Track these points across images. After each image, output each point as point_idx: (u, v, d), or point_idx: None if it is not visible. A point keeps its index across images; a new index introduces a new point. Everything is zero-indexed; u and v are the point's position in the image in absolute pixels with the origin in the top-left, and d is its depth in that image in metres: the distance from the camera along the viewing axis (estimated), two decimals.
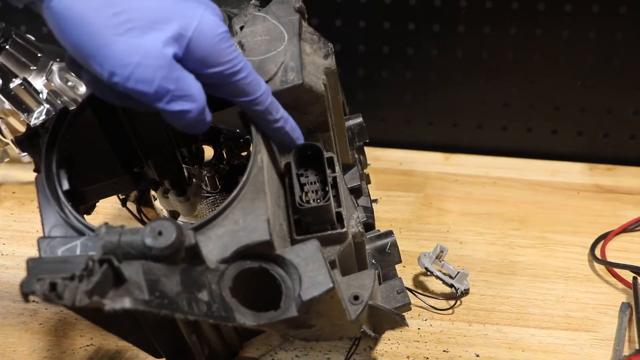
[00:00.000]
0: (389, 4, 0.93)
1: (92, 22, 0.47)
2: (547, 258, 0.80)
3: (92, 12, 0.47)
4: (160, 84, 0.48)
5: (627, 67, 0.92)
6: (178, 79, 0.48)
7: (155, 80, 0.48)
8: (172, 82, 0.48)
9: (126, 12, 0.47)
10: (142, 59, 0.47)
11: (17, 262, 0.80)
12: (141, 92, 0.48)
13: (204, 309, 0.46)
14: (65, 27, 0.48)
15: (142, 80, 0.47)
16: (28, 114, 0.83)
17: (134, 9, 0.48)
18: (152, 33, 0.48)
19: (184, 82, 0.49)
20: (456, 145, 1.00)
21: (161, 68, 0.48)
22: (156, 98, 0.48)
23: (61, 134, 0.56)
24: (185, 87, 0.49)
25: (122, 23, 0.47)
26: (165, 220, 0.45)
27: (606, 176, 0.95)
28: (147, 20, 0.48)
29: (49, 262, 0.46)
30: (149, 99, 0.48)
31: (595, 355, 0.68)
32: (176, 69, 0.49)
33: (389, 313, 0.58)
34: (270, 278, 0.51)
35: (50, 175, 0.54)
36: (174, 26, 0.48)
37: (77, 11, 0.47)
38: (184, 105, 0.49)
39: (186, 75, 0.49)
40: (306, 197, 0.56)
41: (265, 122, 0.55)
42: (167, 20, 0.48)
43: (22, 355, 0.68)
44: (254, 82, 0.53)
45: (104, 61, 0.47)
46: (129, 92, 0.48)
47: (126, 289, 0.42)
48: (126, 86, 0.48)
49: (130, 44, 0.47)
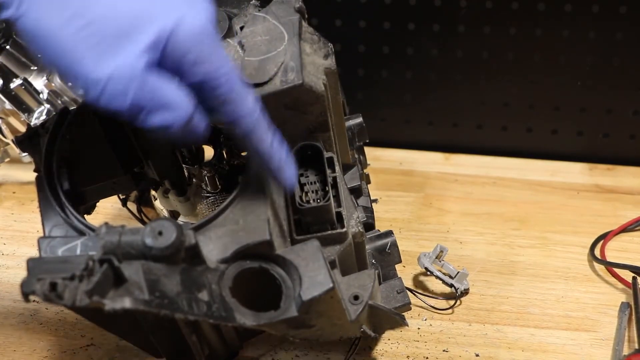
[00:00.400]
0: (389, 4, 0.93)
1: (59, 38, 0.43)
2: (547, 258, 0.80)
3: (59, 28, 0.43)
4: (135, 98, 0.44)
5: (627, 67, 0.92)
6: (154, 90, 0.45)
7: (128, 94, 0.44)
8: (147, 93, 0.44)
9: (94, 23, 0.44)
10: (113, 73, 0.44)
11: (18, 262, 0.80)
12: (116, 109, 0.45)
13: (204, 309, 0.46)
14: (35, 45, 0.45)
15: (114, 96, 0.44)
16: (28, 114, 0.83)
17: (102, 19, 0.44)
18: (123, 44, 0.44)
19: (161, 92, 0.45)
20: (456, 145, 1.00)
21: (133, 81, 0.44)
22: (132, 114, 0.45)
23: (61, 134, 0.56)
24: (163, 96, 0.45)
25: (89, 36, 0.44)
26: (166, 220, 0.45)
27: (606, 176, 0.95)
28: (117, 30, 0.44)
29: (49, 262, 0.46)
30: (126, 115, 0.45)
31: (595, 355, 0.68)
32: (151, 79, 0.44)
33: (389, 313, 0.58)
34: (270, 278, 0.51)
35: (50, 175, 0.54)
36: (148, 33, 0.44)
37: (44, 27, 0.44)
38: (164, 117, 0.45)
39: (164, 84, 0.45)
40: (306, 197, 0.56)
41: (255, 146, 0.50)
42: (139, 28, 0.44)
43: (22, 355, 0.68)
44: (240, 90, 0.48)
45: (76, 78, 0.44)
46: (105, 109, 0.45)
47: (126, 289, 0.42)
48: (100, 103, 0.44)
49: (99, 58, 0.44)
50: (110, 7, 0.44)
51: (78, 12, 0.44)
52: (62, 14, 0.43)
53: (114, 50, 0.44)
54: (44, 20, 0.44)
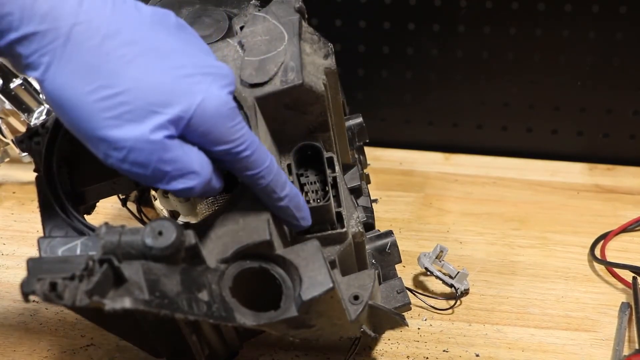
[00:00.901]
0: (389, 4, 0.93)
1: (83, 105, 0.44)
2: (547, 258, 0.80)
3: (83, 96, 0.44)
4: (156, 167, 0.46)
5: (627, 67, 0.92)
6: (175, 160, 0.46)
7: (150, 163, 0.46)
8: (168, 163, 0.46)
9: (120, 95, 0.45)
10: (135, 144, 0.45)
11: (17, 262, 0.80)
12: (138, 175, 0.46)
13: (204, 309, 0.46)
14: (58, 108, 0.46)
15: (137, 163, 0.46)
16: (28, 114, 0.83)
17: (128, 91, 0.45)
18: (147, 117, 0.45)
19: (182, 161, 0.47)
20: (456, 145, 1.00)
21: (156, 152, 0.45)
22: (155, 180, 0.47)
23: (62, 134, 0.56)
24: (183, 165, 0.47)
25: (114, 106, 0.45)
26: (165, 220, 0.45)
27: (606, 176, 0.95)
28: (142, 103, 0.45)
29: (49, 262, 0.46)
30: (148, 181, 0.47)
31: (595, 355, 0.68)
32: (173, 149, 0.46)
33: (389, 313, 0.58)
34: (271, 278, 0.51)
35: (50, 175, 0.54)
36: (173, 108, 0.46)
37: (69, 94, 0.45)
38: (185, 183, 0.47)
39: (185, 152, 0.47)
40: (306, 197, 0.56)
41: (269, 199, 0.52)
42: (164, 103, 0.45)
43: (22, 355, 0.68)
44: (259, 158, 0.50)
45: (97, 144, 0.46)
46: (127, 174, 0.47)
47: (126, 288, 0.42)
48: (122, 168, 0.46)
49: (122, 129, 0.45)
50: (138, 80, 0.45)
51: (106, 83, 0.45)
52: (90, 83, 0.44)
53: (137, 122, 0.45)
54: (71, 88, 0.44)
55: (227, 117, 0.47)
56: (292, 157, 0.57)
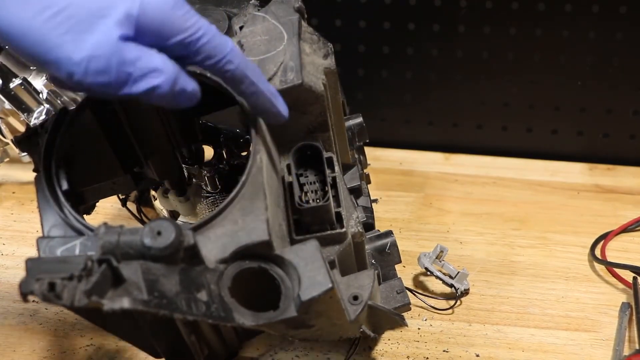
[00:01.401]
0: (389, 4, 0.93)
1: (33, 30, 0.46)
2: (547, 258, 0.80)
3: (30, 21, 0.46)
4: (119, 70, 0.46)
5: (627, 67, 0.92)
6: (135, 59, 0.47)
7: (111, 67, 0.46)
8: (129, 64, 0.47)
9: (64, 10, 0.46)
10: (93, 52, 0.46)
11: (17, 262, 0.80)
12: (103, 84, 0.47)
13: (203, 309, 0.46)
14: (12, 42, 0.46)
15: (99, 72, 0.46)
16: (28, 114, 0.83)
17: (70, 5, 0.46)
18: (96, 23, 0.46)
19: (142, 60, 0.47)
20: (456, 145, 1.00)
21: (114, 54, 0.46)
22: (119, 85, 0.47)
23: (61, 134, 0.56)
24: (145, 64, 0.47)
25: (63, 21, 0.46)
26: (164, 220, 0.45)
27: (606, 176, 0.95)
28: (88, 12, 0.46)
29: (48, 262, 0.46)
30: (114, 88, 0.47)
31: (595, 355, 0.68)
32: (131, 50, 0.47)
33: (388, 313, 0.58)
34: (270, 278, 0.50)
35: (49, 175, 0.54)
36: (117, 9, 0.46)
37: (17, 23, 0.46)
38: (150, 82, 0.47)
39: (144, 52, 0.47)
40: (305, 197, 0.56)
41: (244, 88, 0.52)
42: (108, 6, 0.46)
43: (22, 355, 0.68)
44: (219, 44, 0.50)
45: (58, 64, 0.46)
46: (94, 88, 0.47)
47: (125, 289, 0.42)
48: (86, 82, 0.46)
49: (76, 41, 0.46)
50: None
51: (47, 4, 0.46)
52: (32, 8, 0.46)
53: (88, 30, 0.46)
54: (15, 17, 0.46)
55: (175, 6, 0.48)
56: (292, 157, 0.57)
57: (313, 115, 0.58)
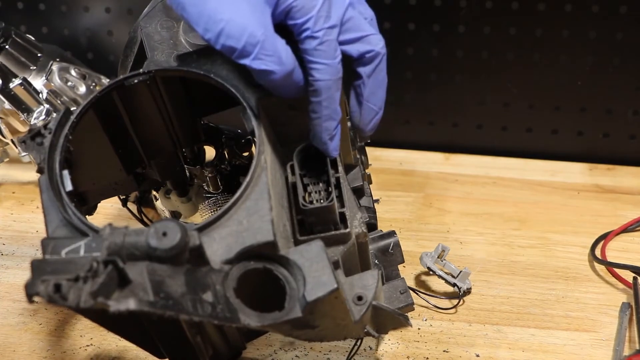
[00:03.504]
0: (389, 4, 0.93)
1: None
2: (547, 258, 0.80)
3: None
4: (248, 41, 0.50)
5: (627, 67, 0.92)
6: (265, 39, 0.51)
7: (242, 37, 0.50)
8: (258, 41, 0.50)
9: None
10: (232, 16, 0.50)
11: (17, 262, 0.80)
12: (230, 48, 0.51)
13: (209, 310, 0.46)
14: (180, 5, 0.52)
15: (230, 36, 0.50)
16: (28, 114, 0.83)
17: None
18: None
19: (271, 43, 0.51)
20: (456, 145, 1.00)
21: (249, 26, 0.50)
22: (242, 54, 0.51)
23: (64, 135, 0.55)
24: (272, 47, 0.51)
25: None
26: (170, 221, 0.45)
27: (606, 176, 0.95)
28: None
29: (53, 263, 0.45)
30: (236, 54, 0.51)
31: (595, 355, 0.68)
32: (265, 28, 0.51)
33: (392, 313, 0.58)
34: (275, 279, 0.50)
35: (53, 176, 0.54)
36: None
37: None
38: (268, 65, 0.51)
39: (276, 38, 0.51)
40: (309, 197, 0.56)
41: (328, 99, 0.55)
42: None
43: (22, 355, 0.68)
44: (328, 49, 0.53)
45: (199, 19, 0.51)
46: (220, 48, 0.51)
47: (131, 290, 0.42)
48: (217, 42, 0.51)
49: (221, 2, 0.51)
50: None
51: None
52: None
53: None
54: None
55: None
56: (295, 157, 0.57)
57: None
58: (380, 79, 0.58)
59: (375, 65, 0.57)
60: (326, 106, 0.54)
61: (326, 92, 0.54)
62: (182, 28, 0.62)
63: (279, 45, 0.51)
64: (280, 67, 0.51)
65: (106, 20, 1.01)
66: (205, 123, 0.70)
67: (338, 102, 0.55)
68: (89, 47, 1.03)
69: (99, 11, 1.00)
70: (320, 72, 0.53)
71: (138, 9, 0.97)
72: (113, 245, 0.44)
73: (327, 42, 0.53)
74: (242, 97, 0.55)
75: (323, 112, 0.54)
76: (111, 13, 1.00)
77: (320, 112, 0.54)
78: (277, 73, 0.52)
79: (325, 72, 0.53)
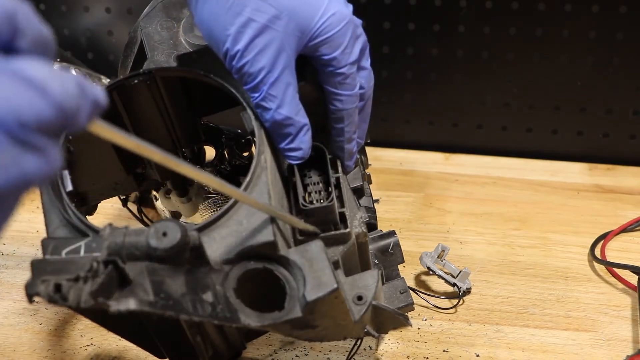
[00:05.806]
0: (389, 4, 0.93)
1: (219, 18, 0.52)
2: (547, 258, 0.80)
3: (218, 9, 0.52)
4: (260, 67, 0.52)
5: (627, 67, 0.92)
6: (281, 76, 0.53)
7: (258, 63, 0.52)
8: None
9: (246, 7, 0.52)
10: (250, 43, 0.52)
11: (17, 262, 0.80)
12: (244, 72, 0.53)
13: (209, 310, 0.46)
14: (202, 25, 0.54)
15: (244, 59, 0.52)
16: None
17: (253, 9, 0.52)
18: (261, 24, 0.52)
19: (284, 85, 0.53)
20: (456, 145, 1.00)
21: (267, 48, 0.52)
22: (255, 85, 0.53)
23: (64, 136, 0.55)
24: (285, 93, 0.54)
25: (237, 15, 0.52)
26: (170, 221, 0.45)
27: (606, 176, 0.95)
28: (267, 18, 0.52)
29: (53, 263, 0.46)
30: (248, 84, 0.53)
31: (595, 355, 0.68)
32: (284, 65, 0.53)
33: (392, 313, 0.58)
34: (275, 279, 0.50)
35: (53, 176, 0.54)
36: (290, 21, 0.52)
37: (208, 11, 0.53)
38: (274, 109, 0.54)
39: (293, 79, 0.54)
40: (309, 197, 0.56)
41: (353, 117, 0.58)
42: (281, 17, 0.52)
43: (22, 355, 0.68)
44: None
45: (221, 44, 0.53)
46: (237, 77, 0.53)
47: (131, 290, 0.42)
48: (233, 65, 0.53)
49: (239, 33, 0.52)
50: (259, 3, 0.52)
51: (233, 4, 0.52)
52: (224, 5, 0.52)
53: (257, 29, 0.52)
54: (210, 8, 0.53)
55: (346, 27, 0.54)
56: None
57: (317, 116, 0.58)
58: (367, 113, 0.61)
59: (364, 102, 0.60)
60: (348, 130, 0.58)
61: (348, 119, 0.57)
62: (182, 28, 0.62)
63: (291, 89, 0.53)
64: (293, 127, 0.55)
65: (106, 20, 1.01)
66: (205, 123, 0.70)
67: (356, 123, 0.58)
68: (89, 47, 1.03)
69: (99, 11, 1.00)
70: (344, 102, 0.56)
71: (138, 9, 0.97)
72: (113, 245, 0.44)
73: (350, 75, 0.55)
74: (242, 97, 0.55)
75: (345, 136, 0.58)
76: (111, 13, 1.00)
77: (343, 136, 0.58)
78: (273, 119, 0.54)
79: (347, 102, 0.56)
